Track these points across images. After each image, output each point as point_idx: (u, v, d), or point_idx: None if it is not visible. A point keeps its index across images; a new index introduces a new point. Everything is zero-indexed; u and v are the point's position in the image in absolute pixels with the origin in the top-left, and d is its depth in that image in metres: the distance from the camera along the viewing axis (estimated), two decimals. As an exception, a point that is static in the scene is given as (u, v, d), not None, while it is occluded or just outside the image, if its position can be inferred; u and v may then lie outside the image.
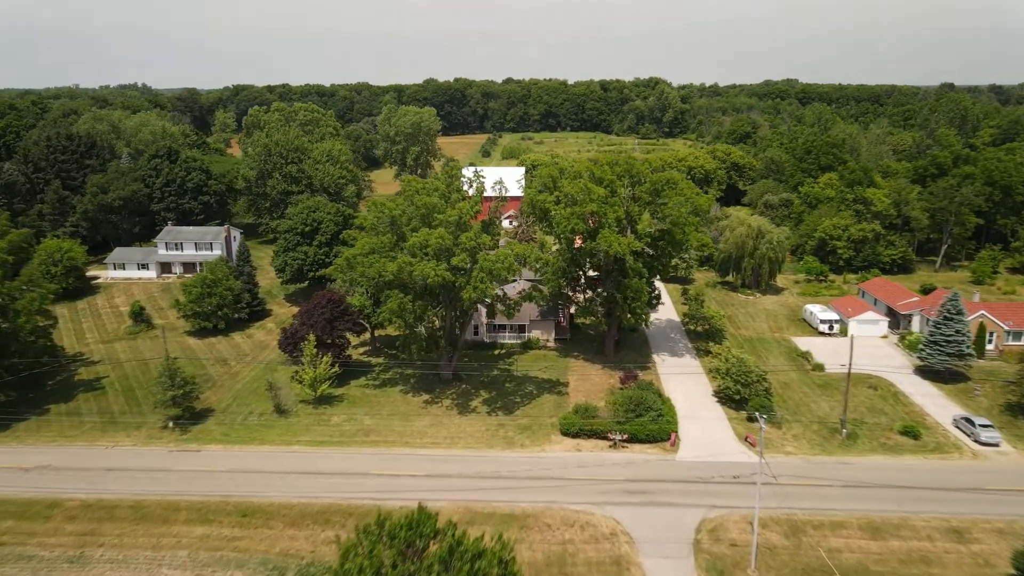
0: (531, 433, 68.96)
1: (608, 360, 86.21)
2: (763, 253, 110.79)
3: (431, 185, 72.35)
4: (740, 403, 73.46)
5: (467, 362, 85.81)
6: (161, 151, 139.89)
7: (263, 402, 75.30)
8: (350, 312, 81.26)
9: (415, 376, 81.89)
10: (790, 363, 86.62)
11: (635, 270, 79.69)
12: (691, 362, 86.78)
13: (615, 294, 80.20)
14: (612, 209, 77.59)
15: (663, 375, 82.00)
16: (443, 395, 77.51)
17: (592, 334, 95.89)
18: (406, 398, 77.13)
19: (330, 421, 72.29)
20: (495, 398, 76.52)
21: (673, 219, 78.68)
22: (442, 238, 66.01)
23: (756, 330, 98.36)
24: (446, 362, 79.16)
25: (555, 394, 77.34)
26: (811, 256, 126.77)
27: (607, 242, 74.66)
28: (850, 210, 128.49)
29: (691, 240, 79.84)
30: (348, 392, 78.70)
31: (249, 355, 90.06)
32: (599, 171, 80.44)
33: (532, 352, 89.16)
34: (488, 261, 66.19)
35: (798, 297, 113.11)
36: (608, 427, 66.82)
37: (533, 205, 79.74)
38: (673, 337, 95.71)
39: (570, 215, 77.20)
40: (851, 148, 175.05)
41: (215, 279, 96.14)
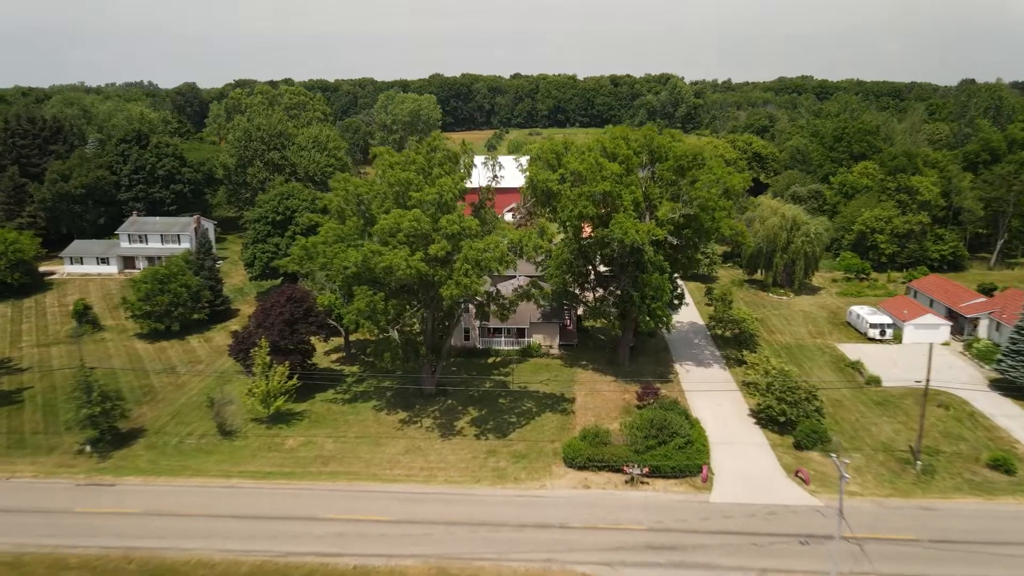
0: (528, 463, 55.76)
1: (622, 371, 72.90)
2: (798, 247, 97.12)
3: (408, 158, 59.27)
4: (784, 426, 60.02)
5: (454, 372, 72.71)
6: (130, 135, 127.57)
7: (207, 421, 62.46)
8: (315, 312, 68.32)
9: (392, 389, 68.88)
10: (838, 375, 72.97)
11: (655, 264, 66.37)
12: (720, 374, 73.30)
13: (631, 292, 66.90)
14: (628, 190, 64.29)
15: (688, 390, 68.58)
16: (423, 413, 64.44)
17: (603, 339, 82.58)
18: (379, 416, 64.07)
19: (284, 445, 59.32)
20: (485, 417, 63.37)
21: (701, 202, 65.24)
22: (417, 221, 52.98)
23: (794, 335, 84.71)
24: (428, 373, 66.08)
25: (558, 413, 64.10)
26: (848, 252, 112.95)
27: (622, 229, 61.38)
28: (892, 200, 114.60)
29: (723, 228, 66.46)
30: (311, 408, 65.75)
31: (203, 362, 77.28)
32: (612, 145, 67.17)
33: (532, 361, 75.96)
34: (474, 250, 53.08)
35: (838, 297, 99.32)
36: (624, 457, 53.54)
37: (534, 186, 66.55)
38: (697, 343, 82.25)
39: (577, 196, 63.94)
40: (885, 137, 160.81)
41: (169, 274, 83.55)
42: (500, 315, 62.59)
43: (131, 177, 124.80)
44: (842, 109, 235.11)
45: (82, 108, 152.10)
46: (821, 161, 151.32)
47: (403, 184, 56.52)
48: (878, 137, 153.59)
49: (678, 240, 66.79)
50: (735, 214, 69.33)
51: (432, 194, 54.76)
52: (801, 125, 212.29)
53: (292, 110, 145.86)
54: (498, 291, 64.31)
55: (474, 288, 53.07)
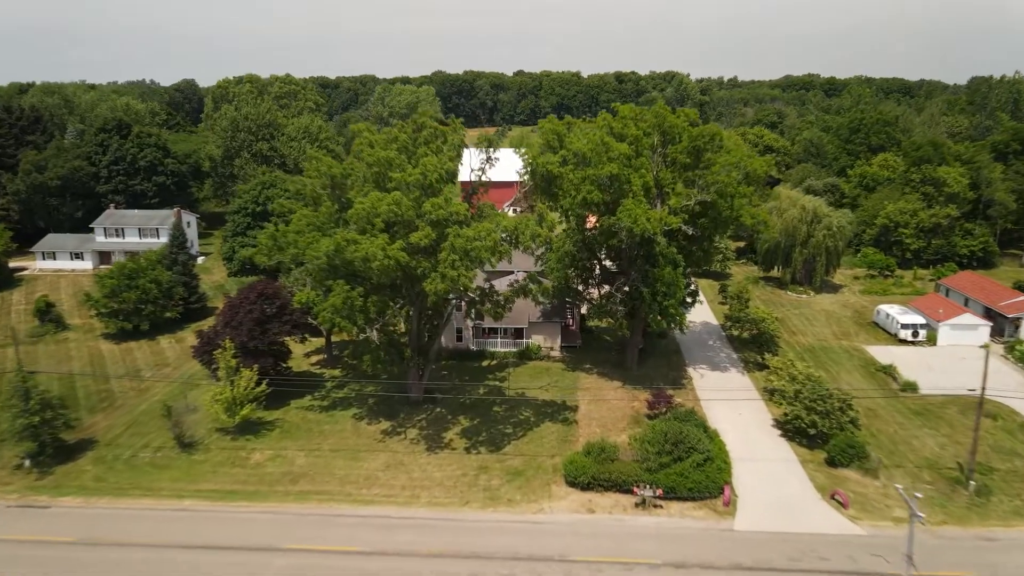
0: (524, 482, 48.95)
1: (630, 375, 66.03)
2: (819, 241, 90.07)
3: (390, 135, 52.46)
4: (814, 439, 53.12)
5: (444, 377, 65.95)
6: (110, 124, 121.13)
7: (166, 431, 55.77)
8: (290, 310, 61.60)
9: (375, 396, 62.15)
10: (869, 381, 65.97)
11: (667, 257, 59.49)
12: (738, 379, 66.36)
13: (640, 288, 60.01)
14: (638, 173, 57.42)
15: (704, 397, 61.66)
16: (408, 422, 57.68)
17: (609, 340, 75.72)
18: (359, 427, 57.32)
19: (249, 460, 52.62)
20: (478, 427, 56.60)
21: (719, 188, 58.37)
22: (397, 205, 46.23)
23: (817, 337, 77.69)
24: (414, 378, 59.31)
25: (559, 423, 57.29)
26: (870, 247, 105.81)
27: (631, 217, 54.53)
28: (916, 193, 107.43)
29: (743, 216, 59.56)
30: (284, 417, 59.04)
31: (171, 365, 70.64)
32: (620, 125, 60.32)
33: (531, 364, 69.09)
34: (463, 239, 46.25)
35: (861, 296, 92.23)
36: (634, 476, 46.68)
37: (533, 171, 59.72)
38: (712, 345, 75.31)
39: (581, 180, 57.13)
40: (903, 129, 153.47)
41: (137, 268, 76.99)
42: (494, 313, 55.75)
43: (110, 168, 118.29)
44: (855, 103, 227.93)
45: (63, 97, 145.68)
46: (836, 154, 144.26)
47: (383, 164, 49.74)
48: (897, 129, 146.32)
49: (693, 230, 59.79)
50: (756, 201, 62.48)
51: (415, 175, 47.96)
52: (811, 121, 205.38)
53: (282, 99, 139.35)
54: (492, 287, 57.48)
55: (462, 282, 46.23)
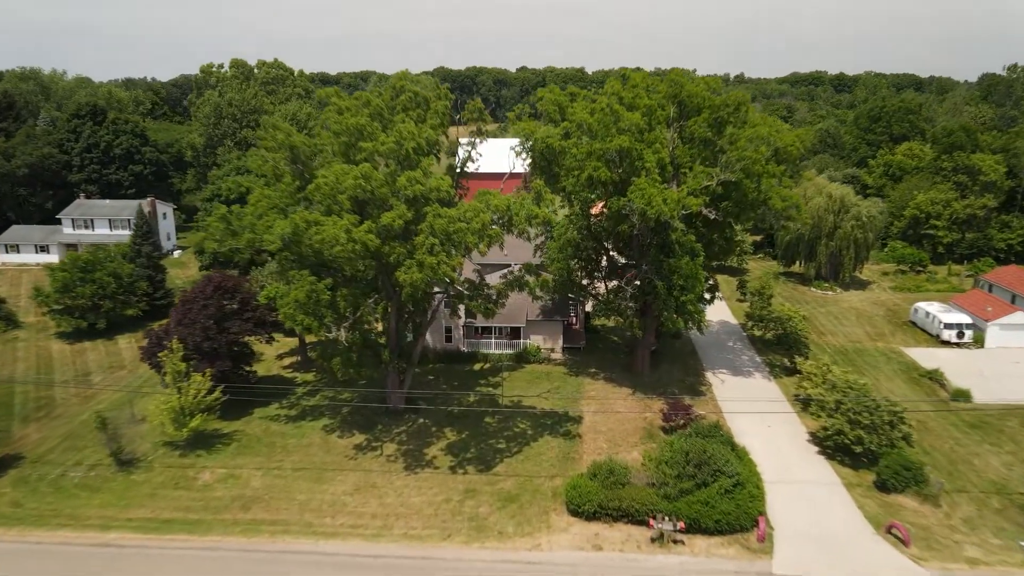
0: (518, 509, 41.21)
1: (641, 381, 58.25)
2: (847, 233, 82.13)
3: (361, 99, 44.66)
4: (859, 457, 45.27)
5: (431, 382, 58.26)
6: (83, 109, 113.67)
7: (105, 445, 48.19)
8: (253, 306, 53.96)
9: (351, 404, 54.49)
10: (913, 388, 58.06)
11: (684, 246, 51.67)
12: (764, 385, 58.48)
13: (654, 282, 52.17)
14: (651, 149, 49.62)
15: (726, 406, 53.82)
16: (386, 436, 49.99)
17: (616, 341, 67.94)
18: (328, 440, 49.64)
19: (197, 480, 44.96)
20: (466, 442, 48.88)
21: (745, 166, 50.49)
22: (366, 179, 38.47)
23: (848, 337, 69.74)
24: (394, 384, 51.62)
25: (560, 436, 49.53)
26: (898, 241, 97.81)
27: (644, 198, 46.71)
28: (948, 182, 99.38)
29: (772, 200, 51.69)
30: (245, 428, 51.41)
31: (126, 368, 63.08)
32: (630, 94, 52.49)
33: (529, 367, 61.31)
34: (443, 220, 38.49)
35: (893, 293, 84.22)
36: (650, 505, 38.90)
37: (531, 147, 51.92)
38: (732, 346, 67.42)
39: (586, 156, 49.35)
40: (926, 118, 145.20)
41: (93, 260, 69.49)
42: (484, 310, 47.91)
43: (83, 156, 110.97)
44: (870, 94, 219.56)
45: (40, 83, 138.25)
46: (855, 144, 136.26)
47: (352, 133, 41.97)
48: (920, 117, 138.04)
49: (716, 214, 51.82)
50: (787, 183, 54.58)
51: (388, 143, 40.16)
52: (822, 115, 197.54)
53: (269, 85, 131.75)
54: (482, 279, 49.65)
55: (443, 271, 38.42)
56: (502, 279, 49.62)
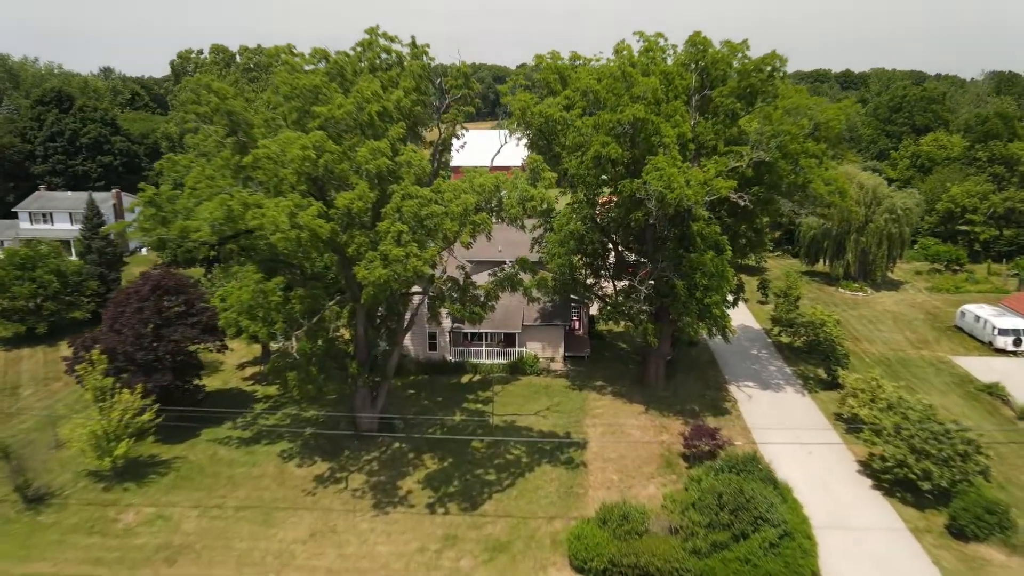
0: (509, 563, 33.14)
1: (655, 396, 50.19)
2: (879, 227, 73.95)
3: (318, 53, 36.48)
4: (924, 494, 37.16)
5: (410, 397, 50.18)
6: (48, 95, 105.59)
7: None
8: (199, 308, 45.87)
9: (316, 423, 46.42)
10: (971, 404, 49.92)
11: (708, 239, 43.57)
12: (797, 401, 50.37)
13: (673, 281, 44.02)
14: (671, 122, 41.51)
15: (756, 428, 45.74)
16: (353, 464, 41.92)
17: (625, 349, 59.91)
18: (285, 470, 41.56)
19: (118, 523, 36.89)
20: (448, 472, 40.80)
21: (782, 143, 42.42)
22: (315, 150, 30.37)
23: (887, 344, 61.60)
24: (365, 402, 43.51)
25: (562, 465, 41.44)
26: (929, 237, 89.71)
27: (663, 179, 38.59)
28: (984, 174, 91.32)
29: (814, 184, 43.59)
30: (188, 454, 43.34)
31: (63, 380, 54.95)
32: (645, 59, 44.36)
33: (525, 380, 53.20)
34: (414, 202, 30.39)
35: (930, 294, 76.06)
36: (675, 562, 30.78)
37: (526, 122, 43.79)
38: (756, 355, 59.31)
39: (593, 130, 41.25)
40: (950, 109, 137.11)
41: (33, 256, 61.51)
42: (469, 314, 39.74)
43: (47, 145, 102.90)
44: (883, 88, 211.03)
45: (7, 70, 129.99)
46: (874, 136, 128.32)
47: (306, 96, 33.83)
48: (943, 107, 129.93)
49: (746, 200, 43.63)
50: (829, 164, 46.43)
51: (346, 107, 32.05)
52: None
53: (252, 72, 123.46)
54: (468, 277, 41.47)
55: (413, 267, 30.26)
56: (491, 277, 41.36)
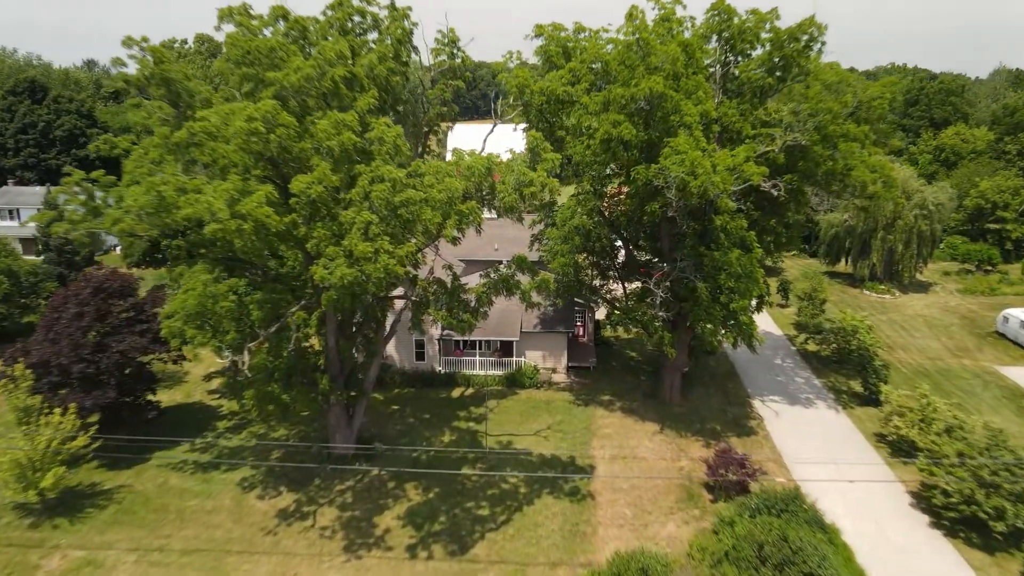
0: (503, 627, 27.39)
1: (671, 413, 44.45)
2: (908, 224, 68.21)
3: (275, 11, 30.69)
4: (994, 534, 31.41)
5: (393, 415, 44.39)
6: (21, 86, 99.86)
7: (-72, 510, 34.41)
8: (151, 313, 40.07)
9: (284, 447, 40.65)
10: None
11: (733, 234, 37.86)
12: (831, 419, 44.59)
13: (694, 283, 38.22)
14: (692, 98, 35.72)
15: (788, 452, 39.97)
16: (324, 495, 36.14)
17: (635, 360, 54.22)
18: (244, 502, 35.80)
19: (39, 570, 31.11)
20: (434, 505, 35.03)
21: (821, 124, 36.70)
22: (264, 123, 24.60)
23: (924, 352, 55.85)
24: (339, 422, 37.76)
25: (565, 498, 35.67)
26: (956, 236, 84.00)
27: (685, 164, 32.82)
28: (1014, 168, 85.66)
29: (856, 171, 37.85)
30: (135, 482, 37.58)
31: (8, 392, 49.12)
32: (662, 28, 38.56)
33: (524, 394, 47.42)
34: (385, 187, 24.60)
35: (962, 297, 70.31)
36: (705, 631, 25.01)
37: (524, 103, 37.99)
38: (780, 365, 53.54)
39: (603, 107, 35.49)
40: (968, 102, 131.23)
41: (-20, 255, 55.82)
42: (458, 323, 33.94)
43: (18, 138, 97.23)
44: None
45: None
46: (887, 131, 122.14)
47: (260, 59, 27.99)
48: (963, 100, 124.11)
49: (780, 191, 37.81)
50: (872, 148, 40.63)
51: (306, 70, 26.26)
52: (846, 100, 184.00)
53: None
54: (456, 279, 35.62)
55: (384, 267, 24.44)
56: (483, 278, 35.47)
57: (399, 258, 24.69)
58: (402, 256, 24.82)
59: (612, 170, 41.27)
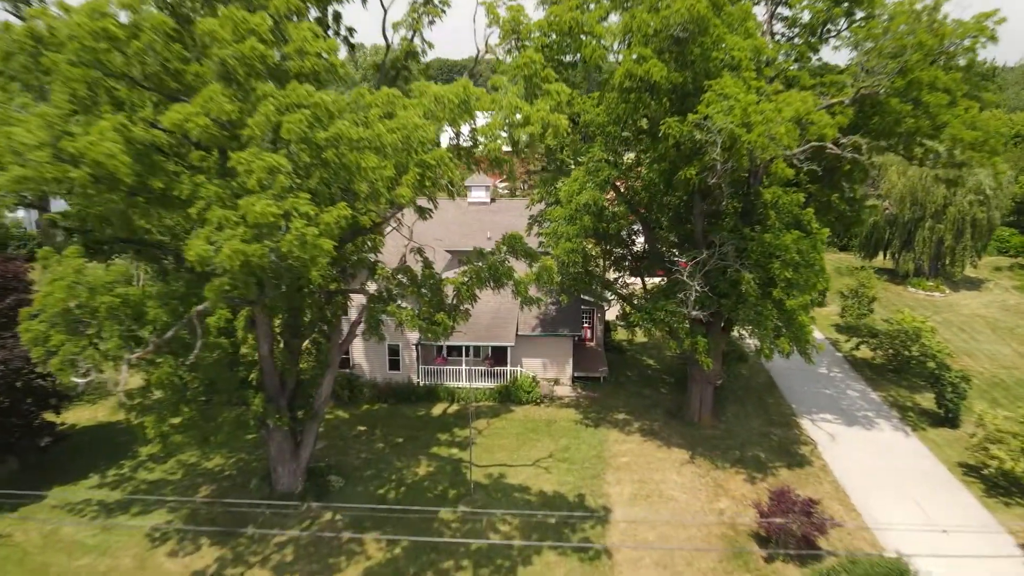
0: None
1: (701, 436, 35.89)
2: (961, 211, 59.70)
3: None
4: None
5: (358, 439, 35.78)
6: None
7: None
8: (44, 315, 31.51)
9: (216, 480, 32.11)
10: None
11: (784, 211, 29.43)
12: (900, 443, 35.99)
13: (740, 272, 29.62)
14: (740, 31, 27.18)
15: (856, 490, 31.39)
16: (255, 552, 27.53)
17: (653, 368, 45.70)
18: (149, 561, 27.20)
19: None
20: (399, 567, 26.42)
21: (906, 67, 28.23)
22: (129, 28, 16.04)
23: (994, 360, 47.29)
24: (282, 452, 29.21)
25: (574, 555, 27.02)
26: (1004, 227, 75.45)
27: (736, 112, 24.25)
28: (1064, 152, 77.18)
29: (952, 127, 29.48)
30: (15, 530, 29.03)
31: None
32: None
33: (520, 411, 38.80)
34: (302, 116, 16.12)
35: (1021, 294, 61.79)
36: None
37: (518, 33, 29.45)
38: (826, 375, 44.93)
39: (623, 34, 26.98)
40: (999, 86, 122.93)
41: None
42: (429, 327, 25.31)
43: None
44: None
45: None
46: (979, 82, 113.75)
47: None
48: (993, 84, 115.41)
49: (853, 150, 29.21)
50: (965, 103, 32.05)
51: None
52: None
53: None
54: (428, 265, 27.01)
55: (300, 240, 15.90)
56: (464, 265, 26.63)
57: (326, 227, 16.16)
58: (330, 224, 16.27)
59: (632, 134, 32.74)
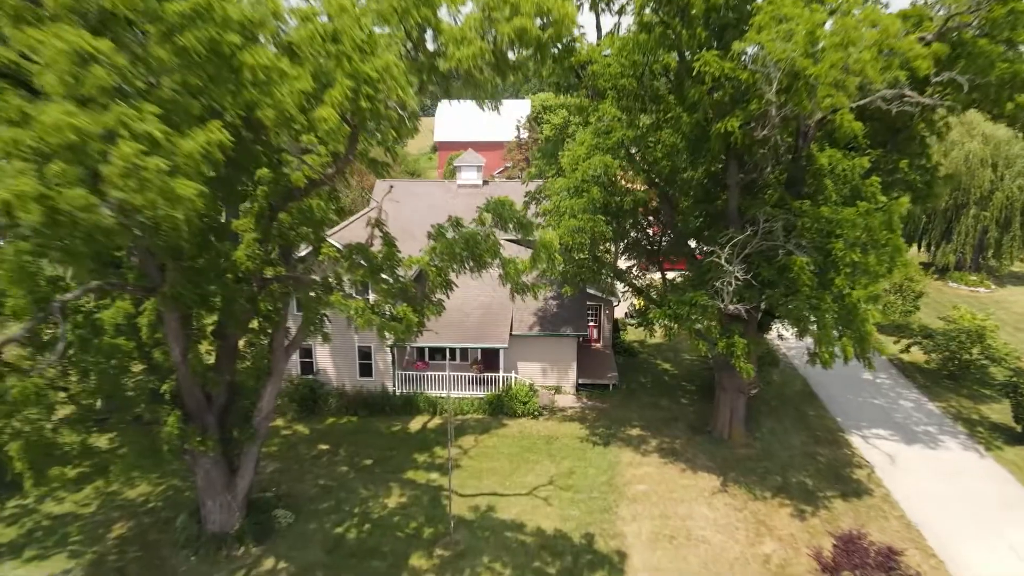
0: None
1: (732, 457, 29.66)
2: (1010, 197, 53.57)
3: None
4: None
5: (318, 458, 29.56)
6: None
7: None
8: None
9: (139, 514, 25.93)
10: None
11: (843, 178, 23.34)
12: (973, 465, 29.74)
13: (792, 254, 23.39)
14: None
15: (929, 526, 25.15)
16: (169, 617, 21.43)
17: (671, 372, 39.48)
18: (29, 629, 21.09)
19: None
20: (352, 642, 20.31)
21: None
22: None
23: (1062, 364, 41.07)
24: (212, 487, 22.99)
25: (581, 623, 20.89)
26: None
27: (798, 39, 18.02)
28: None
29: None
30: None
31: None
32: None
33: (515, 425, 32.55)
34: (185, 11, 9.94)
35: (1075, 290, 55.63)
36: None
37: None
38: (872, 381, 38.66)
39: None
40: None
41: None
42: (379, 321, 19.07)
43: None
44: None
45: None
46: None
47: None
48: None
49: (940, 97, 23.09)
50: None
51: None
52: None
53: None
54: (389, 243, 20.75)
55: (145, 188, 9.77)
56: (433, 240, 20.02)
57: (185, 160, 10.00)
58: (192, 156, 10.06)
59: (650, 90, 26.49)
